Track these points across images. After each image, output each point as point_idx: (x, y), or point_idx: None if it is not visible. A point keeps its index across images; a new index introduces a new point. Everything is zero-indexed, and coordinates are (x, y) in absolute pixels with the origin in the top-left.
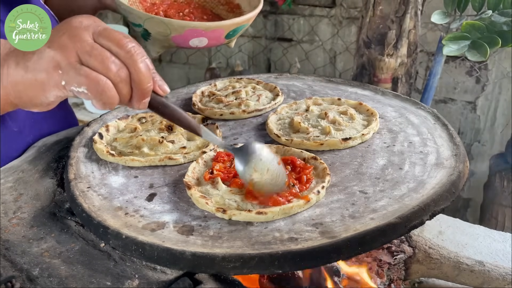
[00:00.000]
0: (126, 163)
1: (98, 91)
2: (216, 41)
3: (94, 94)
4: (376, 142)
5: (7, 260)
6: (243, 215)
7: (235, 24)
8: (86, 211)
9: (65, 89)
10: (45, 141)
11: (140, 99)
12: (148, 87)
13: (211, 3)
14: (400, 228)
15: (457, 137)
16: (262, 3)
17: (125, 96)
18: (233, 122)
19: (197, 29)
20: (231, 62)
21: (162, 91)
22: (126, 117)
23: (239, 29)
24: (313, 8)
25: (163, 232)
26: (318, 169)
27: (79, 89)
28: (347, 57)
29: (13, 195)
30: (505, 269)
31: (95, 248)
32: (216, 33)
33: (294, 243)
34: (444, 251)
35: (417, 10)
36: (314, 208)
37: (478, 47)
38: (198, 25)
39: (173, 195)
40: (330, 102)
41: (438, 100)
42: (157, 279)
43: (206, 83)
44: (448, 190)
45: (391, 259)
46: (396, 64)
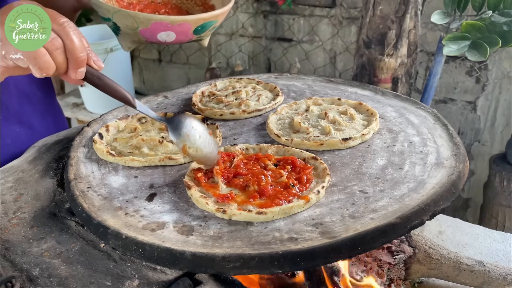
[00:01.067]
0: (126, 163)
1: (32, 56)
2: (185, 36)
3: (30, 59)
4: (376, 142)
5: (7, 260)
6: (243, 215)
7: (202, 19)
8: (86, 211)
9: (6, 58)
10: (45, 141)
11: (75, 67)
12: (81, 56)
13: (188, 4)
14: (400, 228)
15: (457, 137)
16: (233, 2)
17: (60, 64)
18: (233, 122)
19: (163, 22)
20: (231, 62)
21: (97, 66)
22: (126, 117)
23: (208, 25)
24: (313, 8)
25: (163, 232)
26: (318, 169)
27: (16, 55)
28: (347, 57)
29: (13, 195)
30: (505, 269)
31: (95, 248)
32: (183, 28)
33: (294, 243)
34: (444, 251)
35: (417, 10)
36: (314, 208)
37: (478, 47)
38: (164, 18)
39: (173, 195)
40: (330, 102)
41: (438, 100)
42: (157, 279)
43: (206, 83)
44: (448, 190)
45: (391, 259)
46: (396, 64)
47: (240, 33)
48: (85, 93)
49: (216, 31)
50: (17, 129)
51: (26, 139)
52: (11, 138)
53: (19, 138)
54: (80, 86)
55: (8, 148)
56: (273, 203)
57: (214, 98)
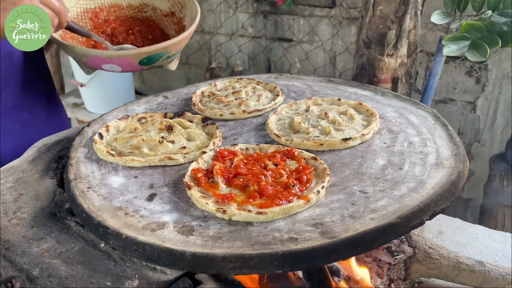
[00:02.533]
0: (126, 163)
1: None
2: (131, 68)
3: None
4: (376, 142)
5: (7, 260)
6: (243, 215)
7: (144, 53)
8: (86, 211)
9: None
10: (45, 141)
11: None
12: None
13: (165, 21)
14: (400, 228)
15: (457, 137)
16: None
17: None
18: (233, 122)
19: (101, 56)
20: (231, 62)
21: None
22: (126, 117)
23: (156, 57)
24: (313, 8)
25: (163, 232)
26: (318, 170)
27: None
28: (347, 57)
29: (13, 195)
30: (505, 269)
31: (95, 248)
32: (125, 61)
33: (294, 243)
34: (444, 251)
35: (417, 10)
36: (314, 208)
37: (478, 47)
38: (100, 54)
39: (173, 195)
40: (330, 103)
41: (438, 100)
42: (157, 279)
43: (206, 83)
44: (448, 190)
45: (391, 259)
46: (396, 64)
47: (240, 33)
48: (85, 93)
49: (216, 31)
50: (25, 116)
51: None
52: (21, 123)
53: (28, 123)
54: (80, 86)
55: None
56: (273, 203)
57: (214, 98)
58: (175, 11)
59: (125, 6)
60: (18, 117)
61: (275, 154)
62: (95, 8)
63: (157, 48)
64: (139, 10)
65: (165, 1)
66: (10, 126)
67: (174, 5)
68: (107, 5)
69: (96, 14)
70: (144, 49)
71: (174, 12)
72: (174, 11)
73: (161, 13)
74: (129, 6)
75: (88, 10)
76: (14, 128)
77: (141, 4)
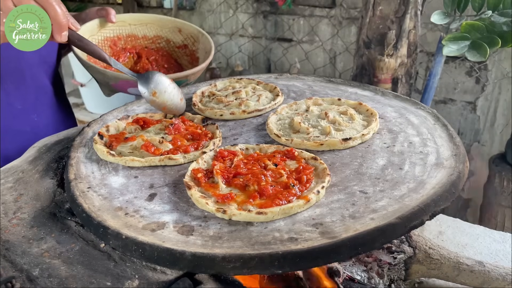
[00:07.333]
0: (126, 163)
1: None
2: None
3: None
4: (376, 143)
5: (7, 260)
6: (243, 215)
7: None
8: (86, 212)
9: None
10: (45, 141)
11: (59, 31)
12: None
13: (178, 52)
14: (400, 228)
15: (457, 137)
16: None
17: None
18: (233, 122)
19: (129, 80)
20: (231, 62)
21: (75, 27)
22: (126, 117)
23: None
24: (313, 8)
25: (163, 232)
26: (318, 170)
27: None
28: (347, 57)
29: (13, 195)
30: (505, 269)
31: (95, 249)
32: None
33: (294, 243)
34: (444, 251)
35: (417, 10)
36: (314, 208)
37: (478, 48)
38: (130, 78)
39: (173, 195)
40: (330, 103)
41: (438, 101)
42: (157, 279)
43: (206, 83)
44: (448, 190)
45: (391, 259)
46: (396, 64)
47: (240, 33)
48: (85, 93)
49: (216, 32)
50: (35, 118)
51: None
52: (30, 126)
53: (37, 126)
54: (80, 86)
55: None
56: (273, 203)
57: (214, 98)
58: (187, 44)
59: (140, 37)
60: (28, 120)
61: (275, 154)
62: (113, 37)
63: (181, 75)
64: (153, 41)
65: (178, 35)
66: (19, 129)
67: (186, 39)
68: (124, 35)
69: (114, 42)
70: (170, 76)
71: (187, 45)
72: (187, 44)
73: (174, 45)
74: (144, 37)
75: (107, 38)
76: (23, 130)
77: (155, 36)
